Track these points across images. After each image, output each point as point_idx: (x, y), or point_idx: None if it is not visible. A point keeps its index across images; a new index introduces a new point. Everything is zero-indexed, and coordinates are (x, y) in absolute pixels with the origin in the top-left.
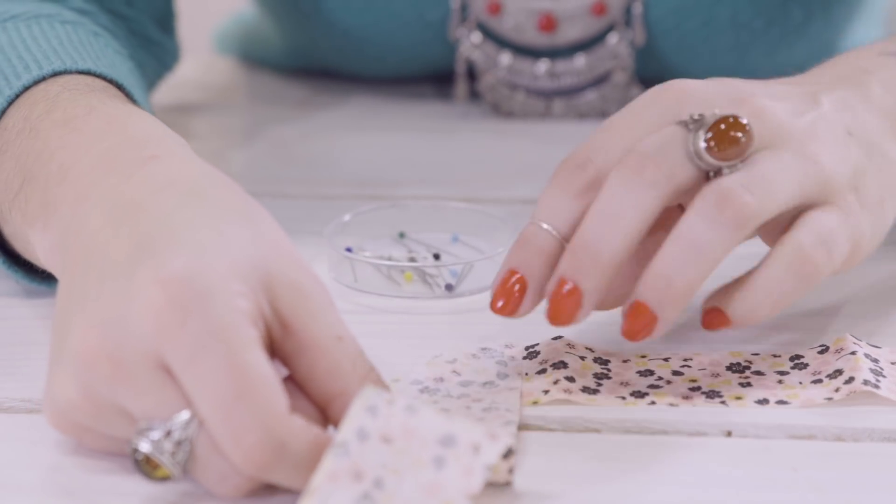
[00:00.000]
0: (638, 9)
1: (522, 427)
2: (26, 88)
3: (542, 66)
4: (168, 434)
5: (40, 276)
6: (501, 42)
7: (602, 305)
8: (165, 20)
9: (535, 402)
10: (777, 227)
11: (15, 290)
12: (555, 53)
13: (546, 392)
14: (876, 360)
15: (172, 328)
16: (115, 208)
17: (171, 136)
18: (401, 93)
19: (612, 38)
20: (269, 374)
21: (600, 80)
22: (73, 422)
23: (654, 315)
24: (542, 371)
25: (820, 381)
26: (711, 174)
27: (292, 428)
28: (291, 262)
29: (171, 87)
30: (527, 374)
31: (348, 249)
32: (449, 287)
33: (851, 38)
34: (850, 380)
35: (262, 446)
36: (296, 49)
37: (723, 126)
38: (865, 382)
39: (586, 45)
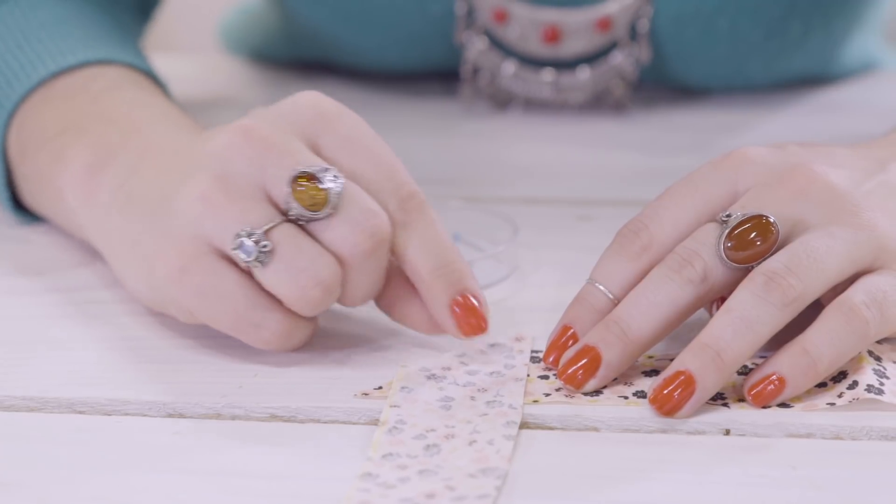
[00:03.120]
0: (644, 26)
1: (522, 425)
2: (83, 65)
3: (547, 76)
4: (331, 174)
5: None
6: (506, 50)
7: None
8: (147, 4)
9: (535, 402)
10: (837, 293)
11: (16, 288)
12: (559, 65)
13: (547, 395)
14: (879, 359)
15: (310, 113)
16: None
17: None
18: (403, 91)
19: (618, 56)
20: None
21: (602, 94)
22: (191, 236)
23: (695, 383)
24: (545, 377)
25: (824, 384)
26: (749, 269)
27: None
28: None
29: (174, 86)
30: (528, 375)
31: None
32: None
33: (849, 49)
34: (854, 384)
35: (405, 186)
36: (298, 38)
37: (744, 228)
38: (869, 388)
39: (591, 58)
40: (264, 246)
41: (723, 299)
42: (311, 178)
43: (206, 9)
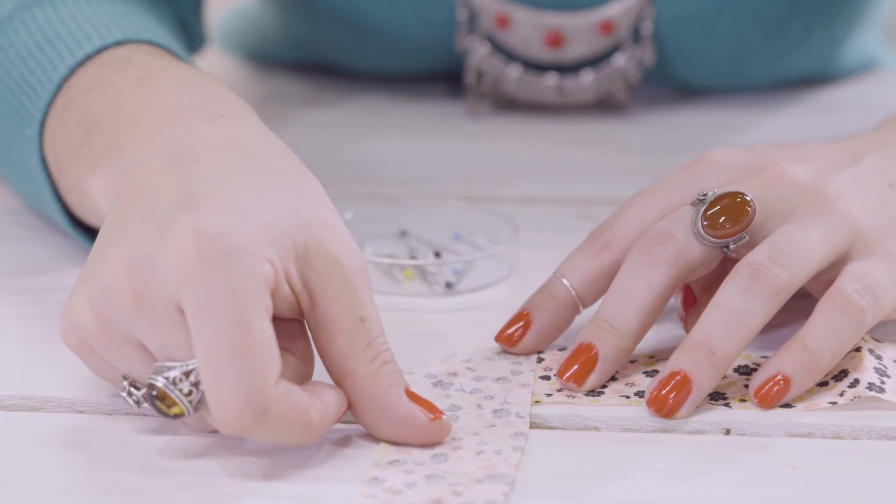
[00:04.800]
0: (647, 28)
1: None
2: (96, 52)
3: (550, 80)
4: (186, 375)
5: (89, 233)
6: (509, 55)
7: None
8: (198, 4)
9: (537, 402)
10: (826, 284)
11: (15, 287)
12: (562, 69)
13: (549, 395)
14: (879, 357)
15: (193, 277)
16: (173, 155)
17: (240, 102)
18: (403, 91)
19: (621, 59)
20: (267, 342)
21: (605, 97)
22: (82, 341)
23: (691, 383)
24: (546, 378)
25: (826, 382)
26: (724, 248)
27: (276, 396)
28: (331, 234)
29: None
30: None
31: None
32: (449, 285)
33: (850, 49)
34: (855, 382)
35: (243, 410)
36: (297, 42)
37: (721, 205)
38: (870, 386)
39: (594, 61)
40: (146, 406)
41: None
42: (164, 394)
43: (205, 8)
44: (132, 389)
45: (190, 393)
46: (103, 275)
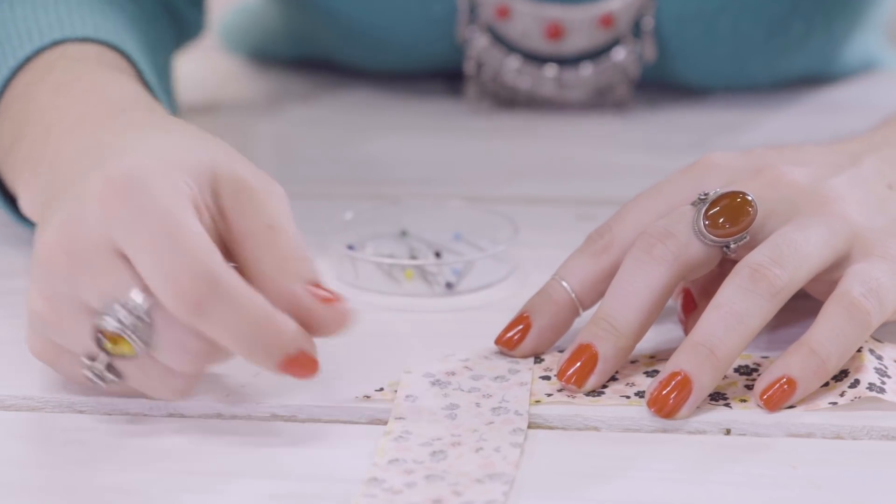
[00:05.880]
0: (649, 23)
1: None
2: (30, 58)
3: (550, 72)
4: (128, 311)
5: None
6: (509, 47)
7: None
8: None
9: (537, 402)
10: (826, 285)
11: (15, 288)
12: (562, 62)
13: (549, 395)
14: (880, 357)
15: (116, 208)
16: (83, 149)
17: (144, 99)
18: (404, 90)
19: (621, 53)
20: (204, 234)
21: (605, 91)
22: (45, 339)
23: (691, 383)
24: (546, 378)
25: (826, 383)
26: (725, 248)
27: (225, 268)
28: (237, 160)
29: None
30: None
31: (350, 247)
32: (449, 285)
33: (851, 48)
34: (856, 383)
35: (195, 280)
36: (300, 38)
37: (722, 204)
38: (870, 387)
39: (594, 55)
40: (110, 378)
41: (687, 292)
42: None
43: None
44: (92, 364)
45: (135, 328)
46: (38, 257)
